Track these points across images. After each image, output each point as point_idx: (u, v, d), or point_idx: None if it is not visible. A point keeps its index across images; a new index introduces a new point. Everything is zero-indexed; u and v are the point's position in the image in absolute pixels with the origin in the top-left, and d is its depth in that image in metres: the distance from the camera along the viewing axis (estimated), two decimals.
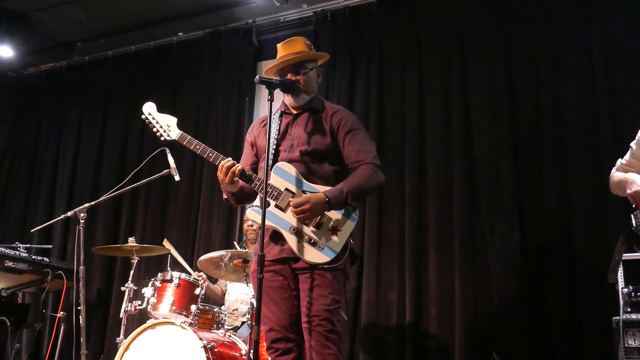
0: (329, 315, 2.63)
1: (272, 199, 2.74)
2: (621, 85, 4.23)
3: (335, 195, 2.67)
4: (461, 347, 4.20)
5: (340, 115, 2.92)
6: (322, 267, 2.66)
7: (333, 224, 2.71)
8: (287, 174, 2.77)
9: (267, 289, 2.72)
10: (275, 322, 2.73)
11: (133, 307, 3.90)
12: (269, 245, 2.79)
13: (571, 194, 4.21)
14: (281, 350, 2.72)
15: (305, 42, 2.99)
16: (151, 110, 2.99)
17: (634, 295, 3.33)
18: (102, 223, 5.91)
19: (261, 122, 3.05)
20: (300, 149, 2.83)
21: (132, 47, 6.37)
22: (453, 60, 4.82)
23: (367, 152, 2.85)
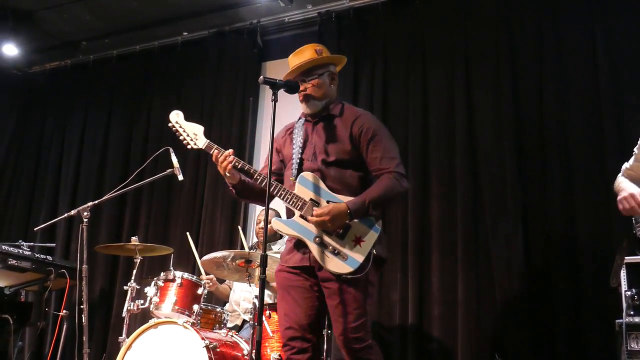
0: (354, 333, 2.67)
1: (297, 209, 2.77)
2: (625, 86, 4.22)
3: (356, 206, 2.69)
4: (464, 349, 4.19)
5: (362, 121, 2.90)
6: (345, 276, 2.68)
7: (356, 234, 2.73)
8: (311, 184, 2.80)
9: (290, 288, 2.79)
10: (294, 320, 2.76)
11: (135, 306, 3.90)
12: (292, 252, 2.84)
13: (575, 196, 4.20)
14: (297, 348, 2.74)
15: (315, 49, 2.98)
16: (178, 118, 3.07)
17: (638, 299, 3.31)
18: (105, 222, 5.92)
19: (287, 130, 3.08)
20: (321, 157, 2.85)
21: (136, 46, 6.38)
22: (457, 60, 4.82)
23: (390, 159, 2.84)
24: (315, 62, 2.95)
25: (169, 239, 5.51)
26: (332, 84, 3.00)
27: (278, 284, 2.88)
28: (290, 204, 2.78)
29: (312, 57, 2.94)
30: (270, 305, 3.86)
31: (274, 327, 3.68)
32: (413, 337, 4.38)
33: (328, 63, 3.02)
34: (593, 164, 4.18)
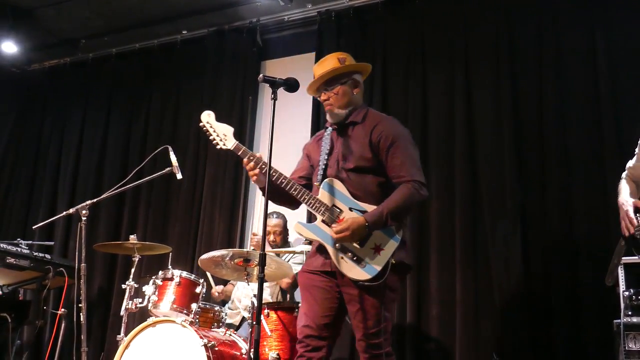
0: (373, 339, 2.74)
1: (319, 214, 2.83)
2: (625, 86, 4.22)
3: (374, 218, 2.74)
4: (462, 349, 4.19)
5: (382, 128, 2.92)
6: (363, 284, 2.72)
7: (376, 242, 2.77)
8: (334, 189, 2.85)
9: (311, 288, 2.87)
10: (311, 319, 2.82)
11: (134, 305, 3.90)
12: (315, 255, 2.92)
13: (573, 195, 4.21)
14: (312, 346, 2.79)
15: (338, 57, 3.02)
16: (209, 119, 3.11)
17: (635, 299, 3.32)
18: (104, 220, 5.91)
19: (317, 136, 3.15)
20: (343, 165, 2.90)
21: (136, 44, 6.38)
22: (457, 60, 4.82)
23: (409, 167, 2.86)
24: (337, 72, 2.99)
25: (168, 238, 5.51)
26: (355, 92, 3.03)
27: (300, 284, 2.96)
28: (313, 208, 2.85)
29: (335, 67, 2.98)
30: (269, 304, 3.86)
31: (273, 327, 3.68)
32: (411, 336, 4.38)
33: (351, 71, 3.05)
34: (592, 165, 4.18)
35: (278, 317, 3.72)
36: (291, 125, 5.30)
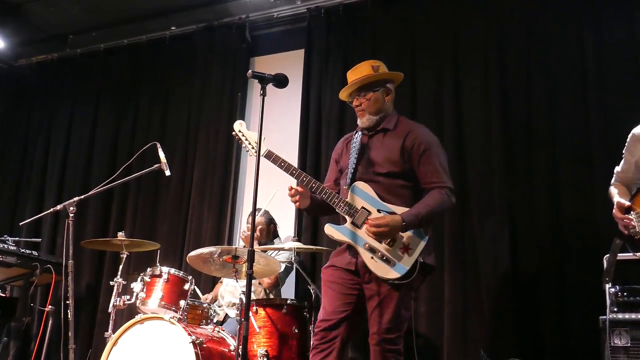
0: (387, 333, 2.84)
1: (349, 216, 2.96)
2: (613, 86, 4.24)
3: (411, 219, 2.87)
4: (450, 346, 4.21)
5: (415, 135, 3.05)
6: (392, 282, 2.85)
7: (405, 242, 2.89)
8: (363, 193, 2.98)
9: (332, 283, 3.01)
10: (329, 312, 2.95)
11: (122, 302, 3.89)
12: (343, 254, 3.04)
13: (562, 195, 4.23)
14: (327, 338, 2.92)
15: (372, 65, 3.14)
16: (242, 127, 3.23)
17: (621, 295, 3.35)
18: (92, 217, 5.88)
19: (345, 140, 3.28)
20: (374, 169, 3.02)
21: (124, 40, 6.33)
22: (446, 58, 4.83)
23: (441, 174, 3.01)
24: (371, 79, 3.11)
25: (156, 235, 5.49)
26: (387, 100, 3.15)
27: (323, 280, 3.09)
28: (342, 211, 2.97)
29: (369, 74, 3.10)
30: (257, 301, 3.86)
31: (261, 323, 3.68)
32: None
33: (384, 79, 3.17)
34: (580, 165, 4.20)
35: (267, 314, 3.72)
36: (280, 122, 5.30)
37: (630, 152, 2.98)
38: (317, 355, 2.94)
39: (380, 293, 2.89)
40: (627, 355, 3.23)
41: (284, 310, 3.73)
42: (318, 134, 5.17)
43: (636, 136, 2.93)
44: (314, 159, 5.09)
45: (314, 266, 4.88)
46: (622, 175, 3.06)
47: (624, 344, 3.26)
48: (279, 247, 4.38)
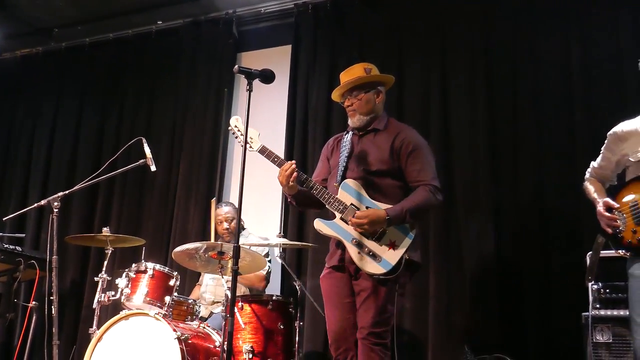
0: (375, 327, 2.94)
1: (338, 212, 3.06)
2: (598, 85, 4.28)
3: (395, 214, 2.97)
4: (435, 342, 4.24)
5: (404, 135, 3.18)
6: (378, 277, 2.95)
7: (391, 239, 2.99)
8: (353, 190, 3.08)
9: (331, 294, 3.14)
10: (336, 324, 3.09)
11: (106, 298, 3.87)
12: (334, 253, 3.16)
13: (546, 192, 4.26)
14: (343, 347, 3.06)
15: (364, 67, 3.26)
16: (238, 123, 3.29)
17: (603, 292, 3.40)
18: (76, 212, 5.84)
19: (335, 139, 3.39)
20: (363, 167, 3.13)
21: (110, 34, 6.28)
22: (433, 56, 4.84)
23: (427, 172, 3.12)
24: (362, 80, 3.23)
25: (141, 230, 5.47)
26: (378, 101, 3.26)
27: (322, 290, 3.22)
28: (332, 207, 3.07)
29: (360, 75, 3.22)
30: (243, 297, 3.86)
31: (246, 319, 3.67)
32: None
33: (376, 81, 3.28)
34: (564, 163, 4.23)
35: (252, 310, 3.71)
36: (267, 117, 5.30)
37: (610, 150, 2.98)
38: None
39: (367, 288, 2.98)
40: (609, 351, 3.28)
41: (270, 306, 3.73)
42: (305, 130, 5.18)
43: (618, 134, 2.93)
44: (301, 153, 5.09)
45: (299, 262, 4.88)
46: (599, 171, 3.07)
47: (606, 340, 3.30)
48: (266, 244, 4.38)
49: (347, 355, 3.07)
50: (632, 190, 2.79)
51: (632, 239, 2.72)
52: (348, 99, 3.25)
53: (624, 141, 2.90)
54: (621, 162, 2.95)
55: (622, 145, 2.91)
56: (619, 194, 2.83)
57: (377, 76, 3.29)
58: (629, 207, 2.75)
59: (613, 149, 2.97)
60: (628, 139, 2.88)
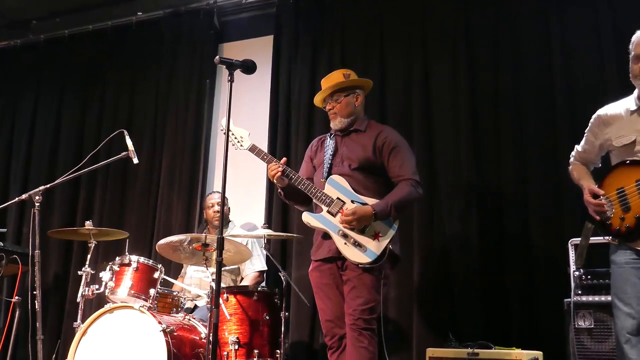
0: (362, 314, 3.07)
1: (325, 205, 3.21)
2: (578, 73, 4.31)
3: (381, 208, 3.13)
4: (419, 330, 4.27)
5: (385, 134, 3.36)
6: (364, 266, 3.09)
7: (375, 230, 3.14)
8: (338, 185, 3.24)
9: (321, 286, 3.27)
10: (329, 314, 3.22)
11: (90, 292, 3.85)
12: (320, 246, 3.29)
13: (528, 180, 4.30)
14: (338, 335, 3.18)
15: (343, 73, 3.45)
16: None
17: (585, 278, 3.44)
18: (58, 206, 5.79)
19: (319, 140, 3.58)
20: (348, 164, 3.30)
21: (89, 26, 6.19)
22: (415, 45, 4.85)
23: (408, 168, 3.29)
24: (341, 85, 3.41)
25: (125, 223, 5.44)
26: (357, 104, 3.44)
27: (312, 283, 3.34)
28: (319, 200, 3.23)
29: (340, 80, 3.41)
30: (228, 288, 3.86)
31: (232, 310, 3.68)
32: None
33: (354, 86, 3.46)
34: (546, 150, 4.26)
35: (237, 301, 3.72)
36: (250, 108, 5.28)
37: (593, 133, 2.96)
38: (334, 354, 3.21)
39: (354, 277, 3.12)
40: (590, 336, 3.32)
41: (255, 297, 3.74)
42: (287, 120, 5.17)
43: (602, 118, 2.91)
44: (284, 144, 5.09)
45: (284, 253, 4.89)
46: (584, 155, 3.05)
47: (588, 326, 3.34)
48: (251, 235, 4.38)
49: (340, 343, 3.18)
50: (618, 176, 2.76)
51: (620, 226, 2.70)
52: (329, 103, 3.42)
53: (608, 125, 2.88)
54: (604, 145, 2.92)
55: (606, 129, 2.88)
56: (605, 180, 2.81)
57: (355, 80, 3.47)
58: (615, 193, 2.72)
59: (596, 132, 2.94)
60: (612, 124, 2.86)
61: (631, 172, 2.69)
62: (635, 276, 2.66)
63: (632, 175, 2.68)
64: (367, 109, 3.59)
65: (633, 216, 2.65)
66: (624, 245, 2.72)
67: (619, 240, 2.73)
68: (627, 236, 2.68)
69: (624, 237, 2.70)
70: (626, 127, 2.80)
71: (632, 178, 2.67)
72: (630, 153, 2.76)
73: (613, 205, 2.72)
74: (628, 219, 2.67)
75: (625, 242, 2.71)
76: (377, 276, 3.13)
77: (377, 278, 3.13)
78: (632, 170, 2.69)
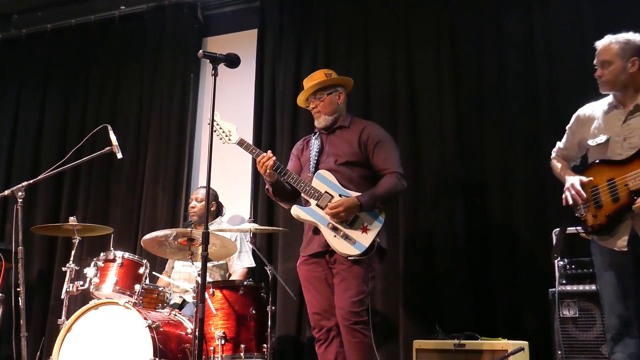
0: (353, 307, 3.11)
1: (314, 199, 3.26)
2: (560, 64, 4.34)
3: (366, 200, 3.20)
4: (406, 322, 4.29)
5: (369, 129, 3.44)
6: (353, 258, 3.14)
7: (364, 223, 3.20)
8: (326, 179, 3.30)
9: (311, 279, 3.31)
10: (317, 306, 3.26)
11: (75, 288, 3.82)
12: (311, 242, 3.34)
13: (512, 171, 4.32)
14: (326, 327, 3.23)
15: (325, 73, 3.53)
16: (217, 118, 3.37)
17: (569, 268, 3.47)
18: (42, 202, 5.74)
19: (304, 139, 3.64)
20: (334, 159, 3.37)
21: (72, 20, 6.13)
22: (399, 38, 4.85)
23: (392, 161, 3.36)
24: (324, 84, 3.48)
25: (109, 219, 5.40)
26: (339, 102, 3.50)
27: (300, 276, 3.38)
28: (308, 194, 3.27)
29: (322, 79, 3.48)
30: (214, 283, 3.84)
31: (218, 305, 3.67)
32: None
33: (336, 84, 3.52)
34: (529, 142, 4.28)
35: (223, 296, 3.70)
36: (235, 102, 5.26)
37: (572, 132, 3.06)
38: (321, 346, 3.25)
39: (342, 271, 3.18)
40: (575, 325, 3.36)
41: (241, 292, 3.73)
42: (272, 113, 5.16)
43: (581, 119, 3.01)
44: (269, 138, 5.07)
45: (270, 247, 4.88)
46: (564, 152, 3.15)
47: (573, 315, 3.38)
48: (236, 229, 4.37)
49: (328, 335, 3.22)
50: (592, 175, 2.86)
51: (593, 222, 2.82)
52: (312, 102, 3.49)
53: (584, 125, 2.98)
54: (582, 144, 3.02)
55: (582, 129, 3.00)
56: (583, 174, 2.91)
57: (337, 79, 3.54)
58: (590, 191, 2.83)
59: (575, 130, 3.06)
60: (588, 123, 2.97)
61: (604, 171, 2.80)
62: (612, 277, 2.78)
63: (604, 175, 2.79)
64: (350, 105, 3.64)
65: (604, 214, 2.77)
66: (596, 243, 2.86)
67: (592, 236, 2.87)
68: (598, 233, 2.82)
69: (596, 233, 2.83)
70: (601, 127, 2.90)
71: (604, 177, 2.79)
72: (603, 153, 2.86)
73: (588, 203, 2.83)
74: (600, 217, 2.79)
75: (596, 239, 2.85)
76: (365, 268, 3.18)
77: (365, 270, 3.18)
78: (605, 169, 2.80)
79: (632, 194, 2.68)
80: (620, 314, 2.74)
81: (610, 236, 2.78)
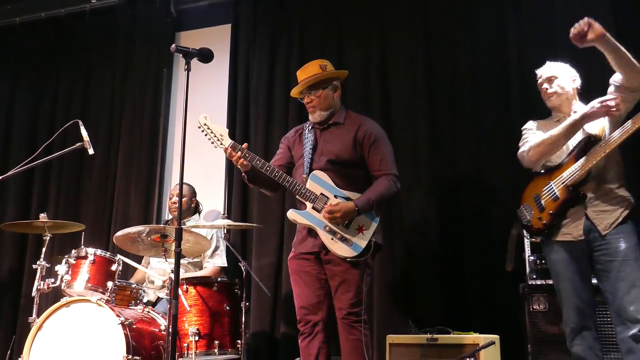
0: (352, 308, 3.14)
1: (310, 201, 3.23)
2: (532, 60, 4.35)
3: (363, 204, 3.17)
4: (379, 317, 4.31)
5: (365, 127, 3.36)
6: (351, 260, 3.14)
7: (359, 224, 3.20)
8: (321, 180, 3.26)
9: (301, 273, 3.30)
10: (305, 300, 3.25)
11: (46, 286, 3.77)
12: (305, 240, 3.30)
13: (484, 166, 4.37)
14: (311, 322, 3.22)
15: (319, 64, 3.39)
16: (206, 121, 3.30)
17: (539, 263, 3.54)
18: (12, 199, 5.65)
19: (296, 131, 3.54)
20: (328, 158, 3.30)
21: (41, 14, 6.03)
22: (373, 32, 4.87)
23: (388, 162, 3.33)
24: (319, 78, 3.36)
25: (81, 216, 5.34)
26: (335, 96, 3.41)
27: (290, 270, 3.36)
28: (303, 197, 3.24)
29: (317, 73, 3.36)
30: (187, 279, 3.82)
31: (192, 302, 3.65)
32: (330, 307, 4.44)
33: (332, 77, 3.41)
34: (501, 137, 4.32)
35: (197, 292, 3.70)
36: (209, 97, 5.24)
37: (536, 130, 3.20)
38: (304, 340, 3.23)
39: (340, 272, 3.18)
40: (545, 319, 3.42)
41: (215, 288, 3.73)
42: (246, 108, 5.15)
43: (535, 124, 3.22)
44: (243, 133, 5.06)
45: (244, 243, 4.87)
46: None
47: (542, 309, 3.45)
48: (210, 225, 4.35)
49: (312, 330, 3.22)
50: (532, 186, 3.10)
51: (538, 224, 3.02)
52: (307, 96, 3.39)
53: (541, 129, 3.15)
54: None
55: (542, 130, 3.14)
56: (524, 192, 3.15)
57: (332, 73, 3.42)
58: (533, 199, 3.06)
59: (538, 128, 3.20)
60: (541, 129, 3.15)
61: (541, 180, 3.05)
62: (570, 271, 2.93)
63: (541, 184, 3.04)
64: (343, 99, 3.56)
65: (547, 213, 2.98)
66: (548, 242, 3.02)
67: (541, 238, 3.06)
68: (547, 232, 3.00)
69: (545, 234, 3.01)
70: None
71: (541, 185, 3.03)
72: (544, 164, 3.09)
73: (532, 209, 3.05)
74: (544, 217, 2.99)
75: (547, 239, 3.02)
76: (362, 268, 3.19)
77: (362, 270, 3.19)
78: (542, 179, 3.06)
79: (570, 188, 2.91)
80: (577, 307, 2.89)
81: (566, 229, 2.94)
